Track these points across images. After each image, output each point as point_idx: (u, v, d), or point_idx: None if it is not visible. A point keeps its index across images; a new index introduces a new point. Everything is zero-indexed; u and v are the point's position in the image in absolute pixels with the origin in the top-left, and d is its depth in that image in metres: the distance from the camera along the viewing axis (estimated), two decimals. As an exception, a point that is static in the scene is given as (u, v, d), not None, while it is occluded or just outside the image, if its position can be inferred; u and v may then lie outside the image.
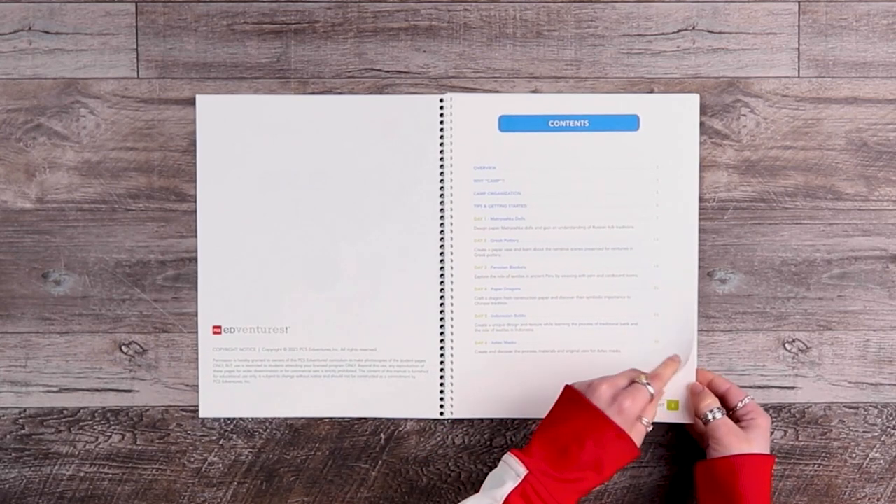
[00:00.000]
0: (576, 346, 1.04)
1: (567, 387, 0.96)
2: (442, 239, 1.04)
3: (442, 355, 1.04)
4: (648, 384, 0.95)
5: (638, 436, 0.94)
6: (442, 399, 1.04)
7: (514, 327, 1.04)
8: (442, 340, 1.04)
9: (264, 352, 1.04)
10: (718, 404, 0.99)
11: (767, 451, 0.97)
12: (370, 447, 1.05)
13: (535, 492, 0.89)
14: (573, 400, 0.94)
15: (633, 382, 0.95)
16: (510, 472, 0.90)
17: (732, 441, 0.95)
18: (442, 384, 1.04)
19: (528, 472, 0.90)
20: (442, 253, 1.04)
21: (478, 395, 1.04)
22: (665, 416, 1.02)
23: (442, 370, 1.04)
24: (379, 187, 1.04)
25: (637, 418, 0.94)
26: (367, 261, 1.04)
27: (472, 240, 1.04)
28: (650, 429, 0.95)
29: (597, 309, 1.04)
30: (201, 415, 1.04)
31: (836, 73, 1.05)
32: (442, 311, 1.04)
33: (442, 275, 1.04)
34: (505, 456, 0.92)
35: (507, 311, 1.04)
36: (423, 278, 1.04)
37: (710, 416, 0.98)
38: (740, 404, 0.99)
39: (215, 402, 1.04)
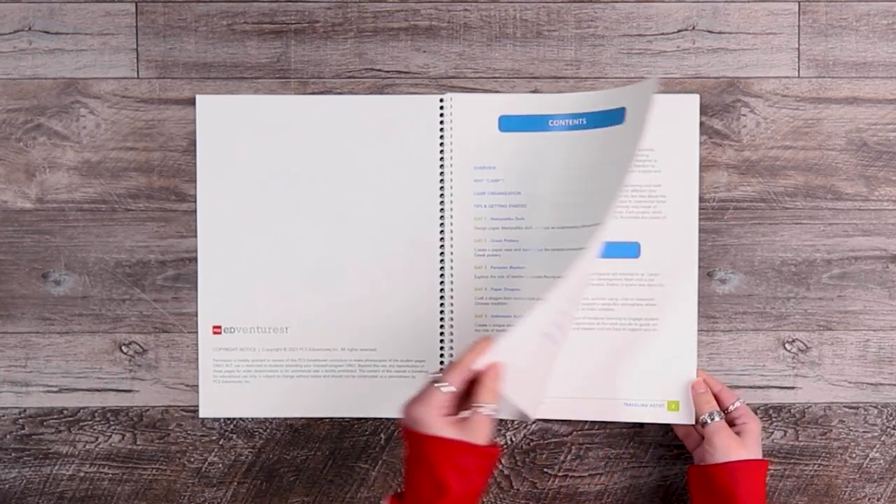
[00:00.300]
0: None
1: (400, 423, 0.90)
2: (442, 239, 1.04)
3: (442, 355, 1.04)
4: (441, 384, 0.86)
5: (476, 430, 0.85)
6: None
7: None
8: (442, 340, 1.04)
9: (264, 352, 1.04)
10: (718, 408, 0.99)
11: (760, 456, 0.97)
12: (370, 447, 1.05)
13: None
14: (407, 435, 0.87)
15: (430, 384, 0.87)
16: None
17: (731, 446, 0.95)
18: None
19: None
20: (442, 253, 1.04)
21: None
22: (666, 416, 1.02)
23: (442, 370, 1.04)
24: (379, 187, 1.04)
25: (453, 411, 0.86)
26: (366, 261, 1.04)
27: (472, 240, 1.04)
28: (491, 412, 0.86)
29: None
30: (201, 415, 1.04)
31: (836, 73, 1.05)
32: (442, 311, 1.04)
33: (442, 275, 1.04)
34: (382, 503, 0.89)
35: (507, 312, 1.04)
36: (422, 278, 1.04)
37: (708, 419, 0.98)
38: (732, 406, 0.99)
39: (215, 403, 1.04)
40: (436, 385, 0.86)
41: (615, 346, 1.03)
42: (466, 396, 0.87)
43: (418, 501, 0.84)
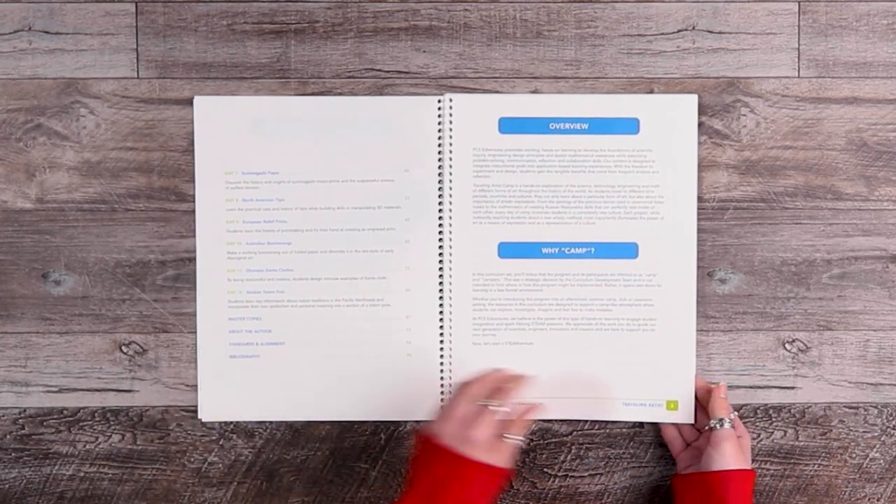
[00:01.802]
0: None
1: (416, 433, 0.94)
2: (441, 239, 1.04)
3: (442, 356, 1.04)
4: (499, 406, 0.92)
5: (504, 456, 0.91)
6: (442, 400, 1.04)
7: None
8: (442, 341, 1.04)
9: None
10: (730, 414, 0.99)
11: (750, 468, 0.98)
12: (370, 447, 1.05)
13: None
14: (426, 446, 0.91)
15: (480, 407, 0.91)
16: None
17: (735, 455, 0.96)
18: (442, 385, 1.04)
19: None
20: (441, 253, 1.04)
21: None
22: (665, 416, 1.02)
23: (442, 371, 1.04)
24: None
25: (496, 438, 0.91)
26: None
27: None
28: (521, 443, 0.93)
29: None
30: (200, 418, 1.04)
31: (836, 73, 1.05)
32: (441, 312, 1.04)
33: (441, 275, 1.04)
34: None
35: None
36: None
37: (717, 425, 0.97)
38: (731, 416, 0.99)
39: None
40: (494, 407, 0.91)
41: (614, 347, 1.03)
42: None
43: None
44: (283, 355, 1.04)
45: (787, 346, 1.05)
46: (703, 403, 1.02)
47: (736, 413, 1.00)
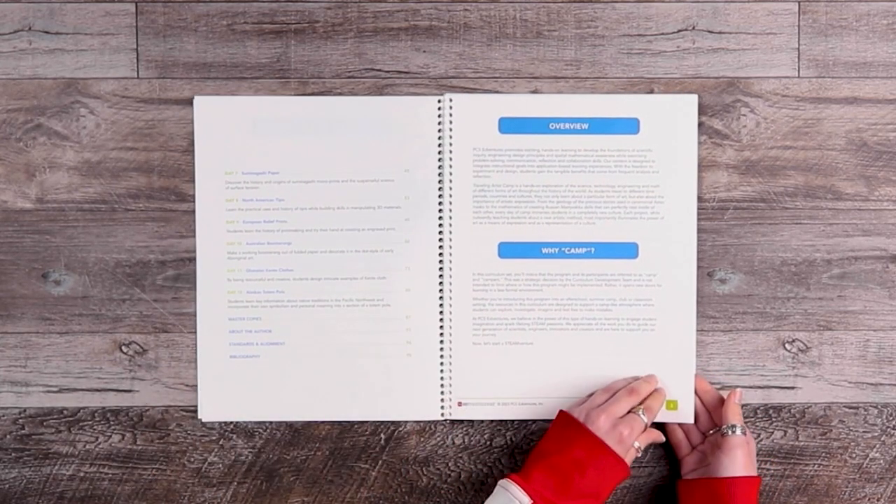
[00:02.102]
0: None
1: (562, 412, 0.97)
2: (441, 239, 1.04)
3: (442, 356, 1.04)
4: (644, 414, 0.97)
5: (630, 459, 0.96)
6: (443, 400, 1.04)
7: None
8: (442, 341, 1.04)
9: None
10: (743, 422, 0.99)
11: (756, 474, 0.99)
12: (370, 447, 1.05)
13: None
14: (571, 427, 0.96)
15: (630, 411, 0.97)
16: (513, 500, 0.92)
17: (746, 463, 0.96)
18: (442, 385, 1.04)
19: (531, 500, 0.91)
20: (441, 253, 1.04)
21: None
22: (664, 415, 1.02)
23: (442, 371, 1.04)
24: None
25: (631, 444, 0.96)
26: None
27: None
28: (640, 454, 0.98)
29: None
30: (200, 418, 1.04)
31: (836, 73, 1.05)
32: (441, 312, 1.04)
33: (441, 275, 1.04)
34: (503, 482, 0.93)
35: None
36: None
37: (729, 431, 0.98)
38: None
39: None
40: (642, 416, 0.97)
41: (614, 347, 1.03)
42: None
43: (574, 499, 0.92)
44: (283, 355, 1.04)
45: (787, 346, 1.05)
46: (705, 405, 1.02)
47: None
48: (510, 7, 1.04)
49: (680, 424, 1.02)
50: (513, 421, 1.05)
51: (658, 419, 1.02)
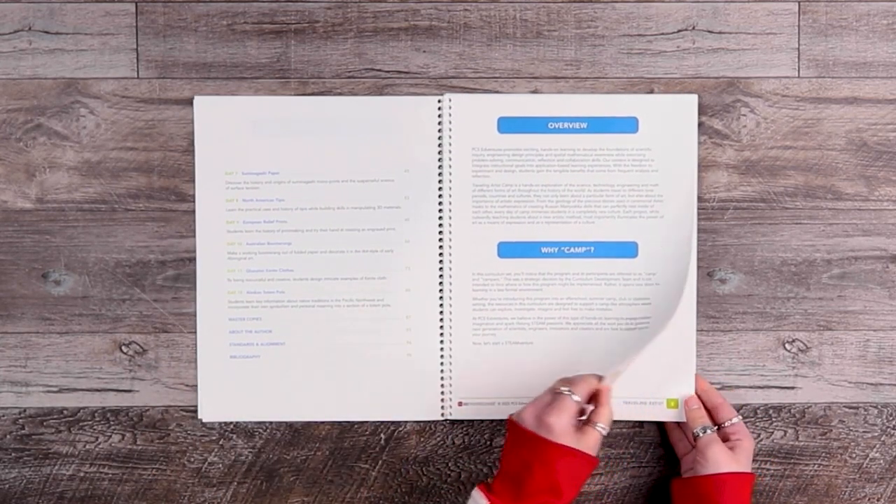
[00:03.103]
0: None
1: (509, 419, 0.97)
2: (441, 239, 1.04)
3: (442, 356, 1.04)
4: (571, 393, 0.94)
5: (589, 443, 0.93)
6: (443, 400, 1.04)
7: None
8: (442, 341, 1.04)
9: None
10: (710, 422, 0.99)
11: (749, 471, 0.98)
12: (370, 447, 1.05)
13: None
14: (513, 430, 0.95)
15: (556, 395, 0.94)
16: None
17: (721, 459, 0.96)
18: (442, 385, 1.04)
19: None
20: (441, 253, 1.04)
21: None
22: (665, 414, 1.02)
23: (442, 372, 1.04)
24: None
25: (582, 425, 0.94)
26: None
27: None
28: (605, 432, 0.95)
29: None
30: (201, 418, 1.04)
31: (836, 73, 1.05)
32: (441, 312, 1.04)
33: (441, 275, 1.04)
34: (473, 491, 0.94)
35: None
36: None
37: (700, 433, 0.98)
38: (728, 423, 1.00)
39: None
40: (567, 393, 0.94)
41: (614, 346, 1.03)
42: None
43: (529, 498, 0.91)
44: (283, 355, 1.04)
45: (787, 346, 1.05)
46: (705, 405, 1.02)
47: (739, 417, 1.00)
48: (510, 7, 1.05)
49: (679, 424, 1.02)
50: (513, 421, 1.05)
51: (659, 418, 1.02)
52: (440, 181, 1.04)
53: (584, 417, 0.95)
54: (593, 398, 0.96)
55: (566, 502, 0.92)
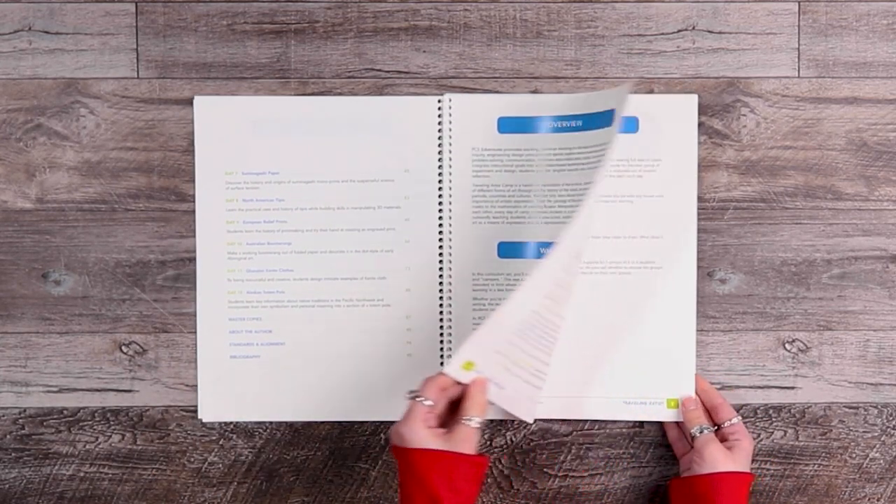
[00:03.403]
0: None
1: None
2: (441, 239, 1.04)
3: (442, 355, 1.04)
4: (417, 397, 0.91)
5: (459, 440, 0.90)
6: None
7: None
8: (441, 341, 1.04)
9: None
10: (707, 422, 1.00)
11: (748, 471, 0.98)
12: (370, 447, 1.05)
13: None
14: (392, 452, 0.93)
15: (410, 401, 0.92)
16: None
17: (719, 458, 0.96)
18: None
19: None
20: (441, 253, 1.04)
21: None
22: (665, 414, 1.02)
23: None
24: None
25: (455, 425, 0.91)
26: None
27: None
28: (475, 424, 0.91)
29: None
30: (201, 418, 1.04)
31: (836, 73, 1.05)
32: (441, 311, 1.04)
33: (441, 275, 1.04)
34: None
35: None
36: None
37: (697, 433, 0.98)
38: (728, 423, 1.00)
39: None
40: (412, 398, 0.91)
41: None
42: (453, 412, 0.93)
43: None
44: (283, 355, 1.05)
45: (787, 346, 1.05)
46: (705, 405, 1.02)
47: (739, 418, 1.00)
48: (510, 7, 1.05)
49: (677, 424, 1.03)
50: (513, 421, 1.05)
51: (659, 418, 1.02)
52: (440, 181, 1.04)
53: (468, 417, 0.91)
54: (465, 394, 0.93)
55: None
